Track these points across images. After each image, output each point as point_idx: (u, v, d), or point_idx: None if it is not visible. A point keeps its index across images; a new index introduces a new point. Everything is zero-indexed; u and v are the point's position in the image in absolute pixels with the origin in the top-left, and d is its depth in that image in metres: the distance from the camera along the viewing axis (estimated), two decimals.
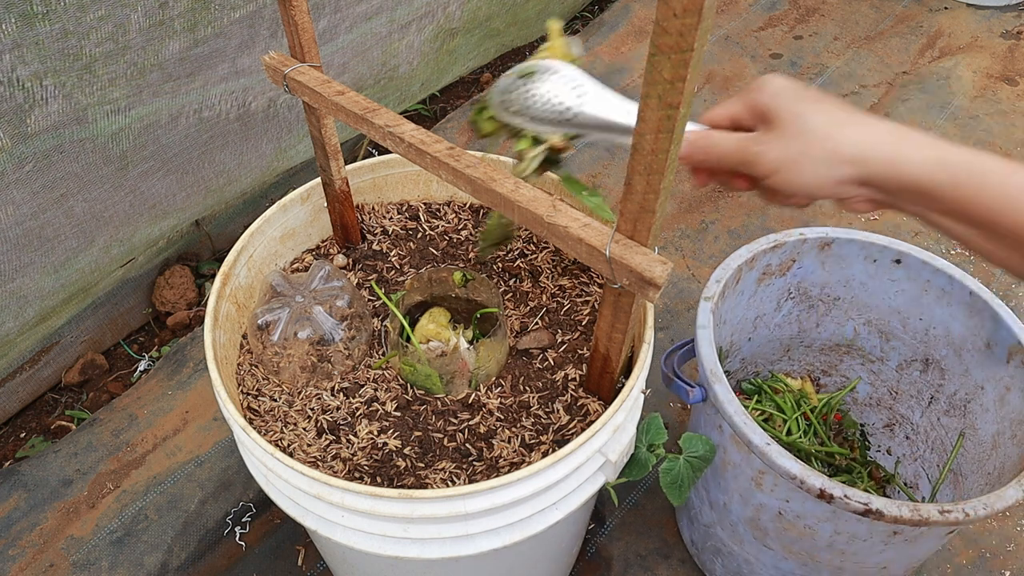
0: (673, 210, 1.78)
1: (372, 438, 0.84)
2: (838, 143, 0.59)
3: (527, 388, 0.88)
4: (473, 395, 0.88)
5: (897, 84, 2.13)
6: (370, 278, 1.00)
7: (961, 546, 1.25)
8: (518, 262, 1.02)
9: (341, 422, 0.85)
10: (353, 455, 0.82)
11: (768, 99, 0.62)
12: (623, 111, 0.69)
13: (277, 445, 0.83)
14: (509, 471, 0.80)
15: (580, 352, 0.91)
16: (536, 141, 0.75)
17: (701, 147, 0.65)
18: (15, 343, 1.30)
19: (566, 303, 0.97)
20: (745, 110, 0.65)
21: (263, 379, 0.90)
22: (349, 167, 1.00)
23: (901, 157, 0.58)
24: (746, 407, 1.04)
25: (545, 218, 0.68)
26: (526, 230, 1.05)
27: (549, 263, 1.02)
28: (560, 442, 0.83)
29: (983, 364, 1.03)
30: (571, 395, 0.87)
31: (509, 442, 0.83)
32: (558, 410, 0.86)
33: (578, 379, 0.89)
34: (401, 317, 0.89)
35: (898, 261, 1.09)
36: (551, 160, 0.77)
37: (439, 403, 0.87)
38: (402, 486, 0.80)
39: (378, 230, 1.06)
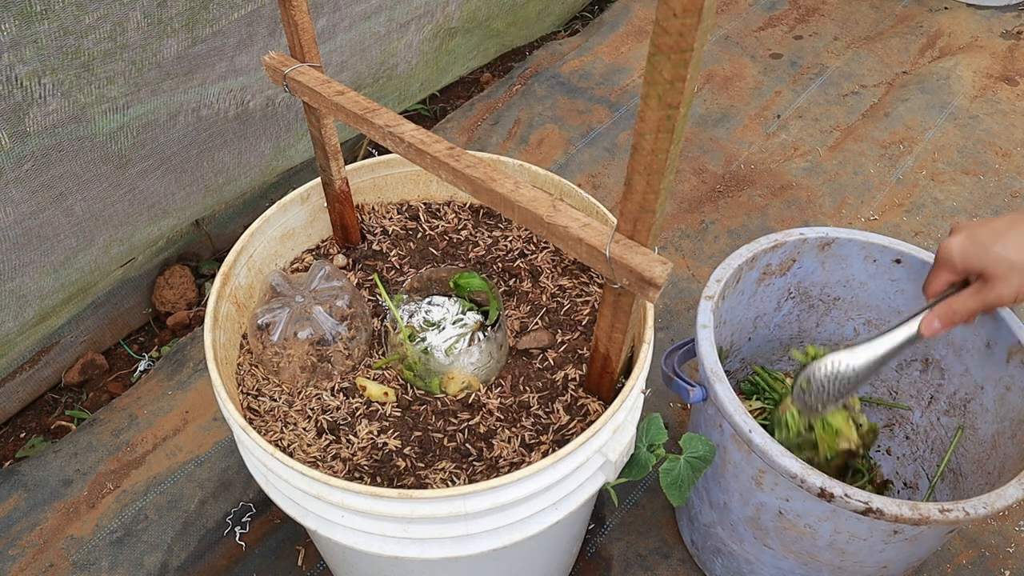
0: (673, 210, 1.78)
1: (372, 438, 0.84)
2: None
3: (527, 388, 0.88)
4: (473, 395, 0.87)
5: (897, 84, 2.13)
6: (370, 278, 1.00)
7: (961, 546, 1.25)
8: (518, 262, 1.02)
9: (341, 422, 0.85)
10: (353, 455, 0.82)
11: (961, 263, 0.86)
12: (890, 337, 0.90)
13: (277, 445, 0.83)
14: (509, 471, 0.80)
15: (580, 352, 0.91)
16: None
17: (950, 317, 0.88)
18: (15, 343, 1.30)
19: (566, 303, 0.97)
20: (950, 276, 0.89)
21: (263, 379, 0.90)
22: (349, 167, 1.00)
23: None
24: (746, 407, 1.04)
25: (545, 218, 0.68)
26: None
27: (549, 263, 1.02)
28: (560, 442, 0.83)
29: (983, 364, 1.03)
30: (571, 395, 0.87)
31: (509, 442, 0.83)
32: (558, 410, 0.86)
33: (578, 379, 0.89)
34: (399, 317, 0.89)
35: (898, 261, 1.09)
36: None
37: (439, 403, 0.87)
38: (402, 486, 0.80)
39: (378, 230, 1.06)
